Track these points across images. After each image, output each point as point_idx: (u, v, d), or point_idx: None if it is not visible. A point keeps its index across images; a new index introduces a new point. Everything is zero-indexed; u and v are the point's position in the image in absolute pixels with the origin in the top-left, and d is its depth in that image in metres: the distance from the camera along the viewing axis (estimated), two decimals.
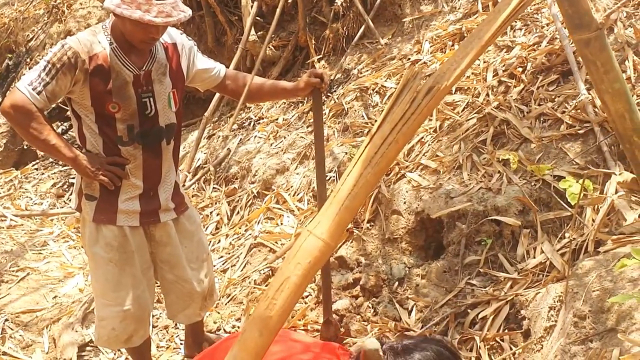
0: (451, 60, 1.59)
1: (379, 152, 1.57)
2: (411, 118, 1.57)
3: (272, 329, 1.51)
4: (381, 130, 1.59)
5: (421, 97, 1.58)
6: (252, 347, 1.51)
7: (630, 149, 1.32)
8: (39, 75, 2.79)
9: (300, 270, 1.53)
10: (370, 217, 4.02)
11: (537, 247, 3.27)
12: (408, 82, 1.61)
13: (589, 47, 1.27)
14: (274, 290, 1.52)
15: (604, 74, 1.28)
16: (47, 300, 4.26)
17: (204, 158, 6.01)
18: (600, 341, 2.47)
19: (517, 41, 4.38)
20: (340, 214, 1.55)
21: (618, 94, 1.29)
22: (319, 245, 1.55)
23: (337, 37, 5.94)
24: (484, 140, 3.83)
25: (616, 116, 1.31)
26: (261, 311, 1.52)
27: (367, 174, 1.56)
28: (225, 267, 4.56)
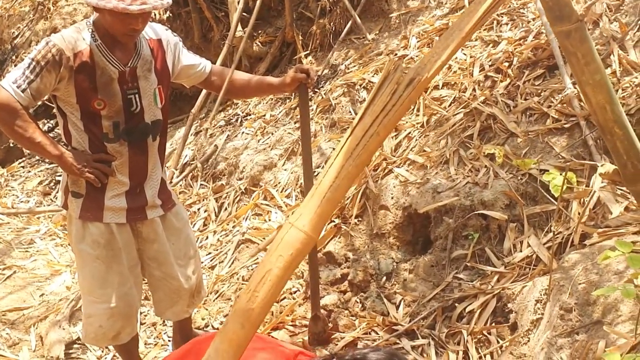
0: (432, 52, 1.59)
1: (360, 144, 1.57)
2: (392, 110, 1.57)
3: (254, 322, 1.51)
4: (362, 123, 1.59)
5: (402, 89, 1.59)
6: (234, 339, 1.50)
7: (611, 140, 1.33)
8: (23, 73, 2.77)
9: (282, 263, 1.52)
10: (358, 212, 4.02)
11: (523, 240, 3.28)
12: (389, 74, 1.61)
13: (570, 39, 1.28)
14: (255, 283, 1.52)
15: (584, 65, 1.28)
16: (34, 298, 4.24)
17: (191, 155, 5.99)
18: (586, 333, 2.49)
19: (504, 36, 4.40)
20: (322, 206, 1.55)
21: (599, 86, 1.29)
22: (301, 237, 1.54)
23: (324, 33, 5.93)
24: (470, 135, 3.84)
25: (597, 107, 1.31)
26: (243, 304, 1.51)
27: (349, 166, 1.56)
28: (213, 264, 4.55)
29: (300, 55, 6.04)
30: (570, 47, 1.28)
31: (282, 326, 3.66)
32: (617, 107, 1.30)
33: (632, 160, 1.32)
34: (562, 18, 1.25)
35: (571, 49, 1.28)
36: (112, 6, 2.64)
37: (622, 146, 1.32)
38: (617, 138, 1.31)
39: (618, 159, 1.35)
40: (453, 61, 4.51)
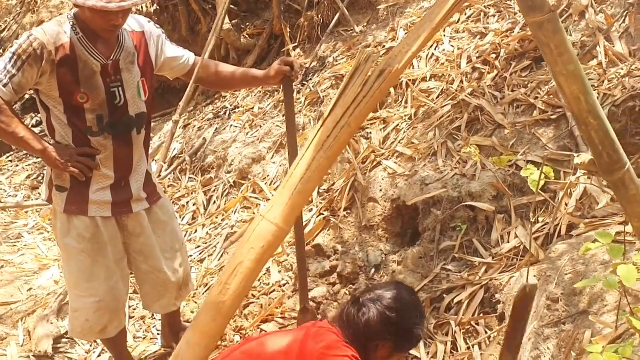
0: (403, 43, 1.60)
1: (331, 135, 1.57)
2: (363, 101, 1.58)
3: (226, 314, 1.51)
4: (333, 114, 1.59)
5: (373, 80, 1.59)
6: (206, 332, 1.51)
7: (586, 130, 1.34)
8: (4, 68, 2.75)
9: (254, 255, 1.53)
10: (347, 205, 4.02)
11: (511, 231, 3.29)
12: (360, 65, 1.61)
13: (542, 30, 1.28)
14: (227, 275, 1.52)
15: (558, 56, 1.29)
16: (21, 293, 4.22)
17: (180, 148, 5.97)
18: (572, 323, 2.51)
19: (491, 28, 4.40)
20: (293, 198, 1.55)
21: (573, 76, 1.29)
22: (272, 229, 1.55)
23: (312, 25, 5.92)
24: (458, 127, 3.85)
25: (571, 98, 1.31)
26: (214, 296, 1.52)
27: (320, 158, 1.56)
28: (202, 257, 4.55)
29: (288, 47, 6.02)
30: (543, 37, 1.28)
31: (271, 319, 3.66)
32: (591, 98, 1.31)
33: (608, 151, 1.33)
34: (534, 8, 1.25)
35: (544, 40, 1.28)
36: (91, 4, 2.63)
37: (597, 136, 1.32)
38: (591, 128, 1.32)
39: (594, 149, 1.35)
40: (441, 53, 4.52)
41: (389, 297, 2.48)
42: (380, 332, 2.42)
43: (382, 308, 2.43)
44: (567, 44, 1.27)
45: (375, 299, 2.48)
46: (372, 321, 2.42)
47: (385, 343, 2.43)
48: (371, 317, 2.43)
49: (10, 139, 2.90)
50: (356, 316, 2.45)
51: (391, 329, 2.42)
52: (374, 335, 2.42)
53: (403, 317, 2.44)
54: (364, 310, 2.45)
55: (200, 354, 1.49)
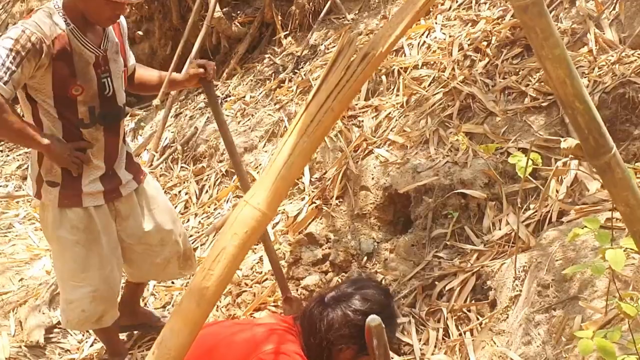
0: (386, 26, 1.59)
1: (314, 120, 1.57)
2: (346, 85, 1.57)
3: (209, 300, 1.51)
4: (316, 99, 1.58)
5: (356, 64, 1.59)
6: (189, 318, 1.50)
7: (572, 114, 1.33)
8: (3, 64, 2.66)
9: (237, 241, 1.52)
10: (339, 193, 4.02)
11: (502, 219, 3.31)
12: (343, 49, 1.60)
13: (528, 13, 1.28)
14: (210, 261, 1.52)
15: (543, 40, 1.28)
16: (13, 283, 4.21)
17: (171, 137, 5.95)
18: (563, 309, 2.52)
19: (482, 15, 4.40)
20: (276, 183, 1.54)
21: (558, 60, 1.29)
22: (256, 215, 1.54)
23: (303, 13, 5.89)
24: (450, 115, 3.85)
25: (557, 82, 1.31)
26: (198, 282, 1.51)
27: (304, 143, 1.56)
28: (195, 246, 4.54)
29: (280, 35, 6.01)
30: (528, 21, 1.28)
31: (264, 307, 3.67)
32: (577, 82, 1.30)
33: (594, 135, 1.33)
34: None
35: (530, 24, 1.28)
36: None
37: (583, 120, 1.32)
38: (577, 112, 1.32)
39: (580, 134, 1.36)
40: (432, 41, 4.51)
41: (356, 297, 2.37)
42: (343, 335, 2.32)
43: (347, 309, 2.33)
44: (552, 27, 1.27)
45: (340, 299, 2.37)
46: (335, 323, 2.32)
47: (349, 346, 2.33)
48: (334, 318, 2.33)
49: (14, 137, 2.91)
50: (318, 317, 2.35)
51: (355, 332, 2.30)
52: (337, 338, 2.32)
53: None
54: (328, 311, 2.35)
55: (184, 340, 1.49)
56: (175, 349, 1.49)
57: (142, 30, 6.79)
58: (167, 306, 4.03)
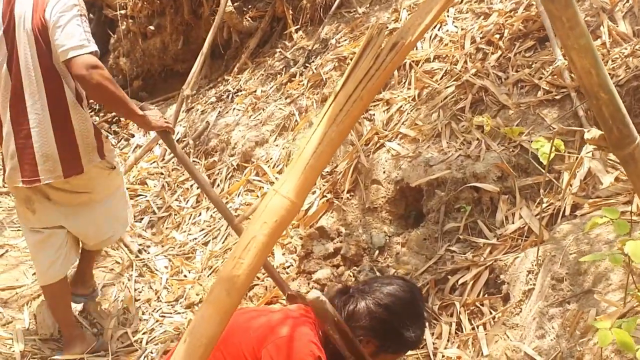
0: (415, 15, 1.58)
1: (343, 109, 1.56)
2: (375, 75, 1.56)
3: (240, 288, 1.51)
4: (345, 88, 1.58)
5: (385, 53, 1.57)
6: (220, 306, 1.51)
7: (597, 104, 1.33)
8: (85, 31, 2.94)
9: (267, 230, 1.52)
10: (350, 187, 4.02)
11: (515, 212, 3.29)
12: (372, 38, 1.59)
13: (554, 3, 1.27)
14: (240, 250, 1.52)
15: (569, 29, 1.27)
16: (26, 277, 4.23)
17: (183, 132, 5.97)
18: (577, 303, 2.51)
19: (494, 8, 4.37)
20: (305, 172, 1.54)
21: (584, 50, 1.28)
22: (285, 204, 1.54)
23: (314, 7, 5.89)
24: (462, 108, 3.84)
25: (582, 72, 1.30)
26: (228, 270, 1.51)
27: (332, 132, 1.55)
28: (207, 240, 4.56)
29: (291, 29, 6.00)
30: (555, 11, 1.27)
31: (275, 300, 3.67)
32: (602, 72, 1.30)
33: (618, 125, 1.32)
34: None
35: (556, 13, 1.27)
36: None
37: (608, 110, 1.32)
38: (602, 102, 1.31)
39: (604, 124, 1.35)
40: (444, 34, 4.49)
41: (382, 291, 2.33)
42: (363, 326, 2.29)
43: (370, 302, 2.30)
44: (578, 17, 1.26)
45: (366, 291, 2.35)
46: (356, 314, 2.29)
47: (369, 339, 2.30)
48: (355, 308, 2.30)
49: (124, 109, 3.24)
50: (340, 306, 2.32)
51: (376, 325, 2.28)
52: (356, 328, 2.28)
53: (392, 315, 2.29)
54: (350, 301, 2.33)
55: (215, 328, 1.49)
56: (206, 336, 1.50)
57: (154, 25, 6.80)
58: (180, 299, 4.04)
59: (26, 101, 3.10)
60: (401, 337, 2.30)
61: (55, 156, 3.16)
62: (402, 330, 2.29)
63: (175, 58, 6.93)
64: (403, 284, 2.42)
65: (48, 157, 3.15)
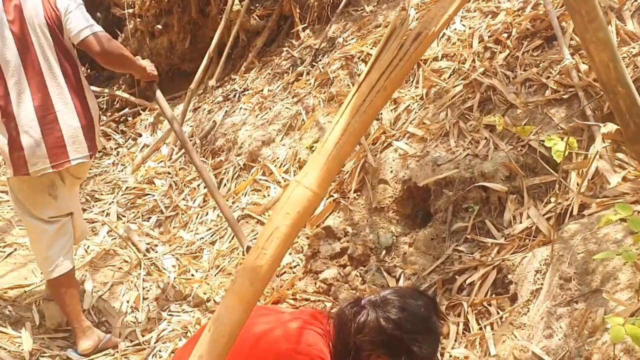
0: (439, 6, 1.57)
1: (366, 100, 1.55)
2: (399, 65, 1.55)
3: (263, 278, 1.52)
4: (369, 79, 1.57)
5: (409, 44, 1.56)
6: (243, 296, 1.52)
7: (614, 98, 1.32)
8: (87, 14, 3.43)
9: (289, 220, 1.53)
10: (357, 186, 4.02)
11: (523, 212, 3.28)
12: (395, 28, 1.58)
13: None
14: (263, 240, 1.53)
15: (588, 22, 1.27)
16: (35, 276, 4.24)
17: (190, 131, 5.98)
18: (585, 302, 2.50)
19: (502, 7, 4.36)
20: (328, 163, 1.54)
21: (602, 43, 1.28)
22: (308, 195, 1.54)
23: (321, 6, 5.89)
24: (470, 107, 3.83)
25: (600, 66, 1.30)
26: (251, 261, 1.52)
27: (355, 123, 1.54)
28: (214, 239, 4.57)
29: (298, 28, 6.00)
30: (573, 4, 1.26)
31: (282, 300, 3.67)
32: (620, 65, 1.29)
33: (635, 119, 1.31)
34: None
35: (575, 7, 1.26)
36: None
37: (625, 104, 1.31)
38: (619, 97, 1.30)
39: (621, 118, 1.34)
40: (452, 32, 4.49)
41: (394, 305, 2.26)
42: (371, 341, 2.23)
43: (380, 315, 2.23)
44: (597, 10, 1.25)
45: (377, 303, 2.28)
46: (366, 327, 2.23)
47: (379, 354, 2.23)
48: (365, 321, 2.24)
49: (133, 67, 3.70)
50: (351, 319, 2.26)
51: (385, 340, 2.22)
52: (364, 343, 2.22)
53: (402, 330, 2.22)
54: (362, 313, 2.26)
55: (239, 317, 1.50)
56: (230, 324, 1.51)
57: (161, 24, 6.81)
58: (187, 298, 4.05)
59: (48, 88, 3.34)
60: (412, 354, 2.23)
61: (81, 137, 3.42)
62: (414, 346, 2.23)
63: (183, 57, 6.94)
64: (418, 297, 2.35)
65: (75, 139, 3.40)
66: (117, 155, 6.46)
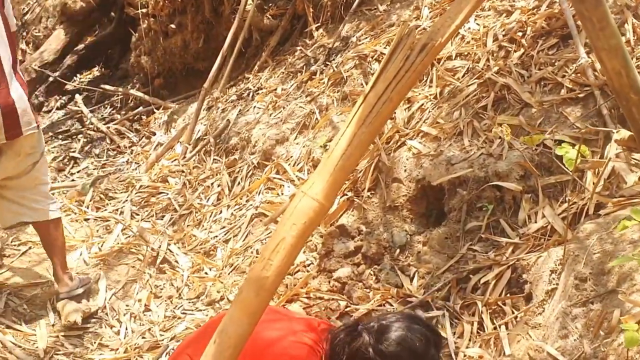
0: (445, 16, 1.57)
1: (373, 111, 1.56)
2: (405, 76, 1.55)
3: (269, 290, 1.52)
4: (375, 89, 1.57)
5: (415, 55, 1.56)
6: (248, 307, 1.52)
7: (627, 106, 1.31)
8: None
9: (296, 231, 1.53)
10: (370, 185, 4.01)
11: (538, 211, 3.27)
12: (402, 39, 1.58)
13: (584, 4, 1.26)
14: (269, 251, 1.53)
15: (599, 30, 1.26)
16: (49, 274, 4.27)
17: (204, 130, 5.99)
18: (601, 303, 2.49)
19: (517, 5, 4.34)
20: (334, 174, 1.54)
21: (614, 51, 1.27)
22: (314, 206, 1.54)
23: (335, 5, 5.88)
24: (484, 106, 3.81)
25: (613, 73, 1.29)
26: (257, 272, 1.52)
27: (362, 134, 1.55)
28: (228, 238, 4.58)
29: (311, 27, 6.00)
30: (585, 11, 1.26)
31: (296, 298, 3.68)
32: (632, 72, 1.28)
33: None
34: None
35: (586, 14, 1.26)
36: None
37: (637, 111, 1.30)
38: (632, 103, 1.30)
39: (633, 124, 1.33)
40: (466, 31, 4.47)
41: (390, 337, 2.16)
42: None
43: (373, 345, 2.15)
44: (609, 17, 1.25)
45: (374, 332, 2.19)
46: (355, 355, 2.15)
47: None
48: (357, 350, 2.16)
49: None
50: (345, 345, 2.19)
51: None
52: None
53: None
54: (355, 340, 2.18)
55: (244, 328, 1.50)
56: (235, 337, 1.51)
57: (175, 24, 6.83)
58: (201, 297, 4.06)
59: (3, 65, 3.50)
60: None
61: (29, 109, 3.62)
62: None
63: (196, 56, 6.95)
64: (418, 329, 2.24)
65: (24, 111, 3.57)
66: (131, 153, 6.48)
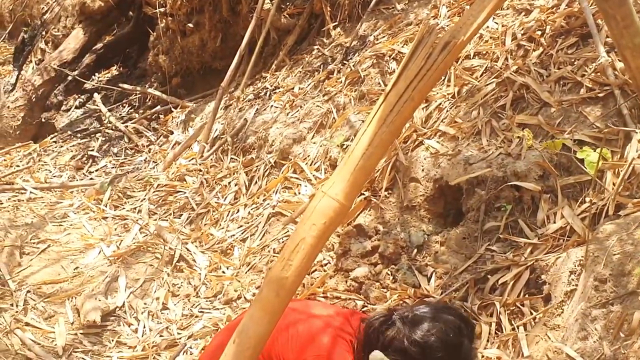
0: (468, 14, 1.55)
1: (394, 110, 1.54)
2: (427, 75, 1.54)
3: (289, 289, 1.52)
4: (396, 88, 1.56)
5: (437, 53, 1.55)
6: (269, 307, 1.52)
7: None
8: None
9: (315, 231, 1.52)
10: (388, 185, 4.00)
11: (557, 212, 3.24)
12: (423, 37, 1.57)
13: (608, 2, 1.24)
14: (289, 252, 1.52)
15: (623, 28, 1.25)
16: (68, 272, 4.31)
17: (222, 129, 6.01)
18: (621, 304, 2.46)
19: (536, 4, 4.31)
20: (354, 174, 1.53)
21: (638, 49, 1.25)
22: (334, 206, 1.54)
23: (352, 4, 5.88)
24: (503, 106, 3.79)
25: (637, 71, 1.28)
26: (277, 272, 1.52)
27: (382, 133, 1.53)
28: (245, 237, 4.58)
29: (329, 26, 5.99)
30: (609, 9, 1.25)
31: (313, 298, 3.68)
32: None
33: None
34: None
35: (610, 12, 1.24)
36: None
37: None
38: None
39: None
40: (485, 30, 4.44)
41: (423, 325, 2.17)
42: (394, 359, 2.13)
43: (407, 335, 2.15)
44: (633, 15, 1.24)
45: (407, 321, 2.20)
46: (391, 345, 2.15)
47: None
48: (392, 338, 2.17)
49: None
50: (378, 333, 2.20)
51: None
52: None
53: (425, 355, 2.13)
54: (390, 329, 2.19)
55: (264, 328, 1.50)
56: (255, 336, 1.51)
57: (193, 23, 6.85)
58: (218, 295, 4.07)
59: None
60: None
61: None
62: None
63: (214, 55, 6.98)
64: (451, 320, 2.24)
65: None
66: (148, 152, 6.51)
